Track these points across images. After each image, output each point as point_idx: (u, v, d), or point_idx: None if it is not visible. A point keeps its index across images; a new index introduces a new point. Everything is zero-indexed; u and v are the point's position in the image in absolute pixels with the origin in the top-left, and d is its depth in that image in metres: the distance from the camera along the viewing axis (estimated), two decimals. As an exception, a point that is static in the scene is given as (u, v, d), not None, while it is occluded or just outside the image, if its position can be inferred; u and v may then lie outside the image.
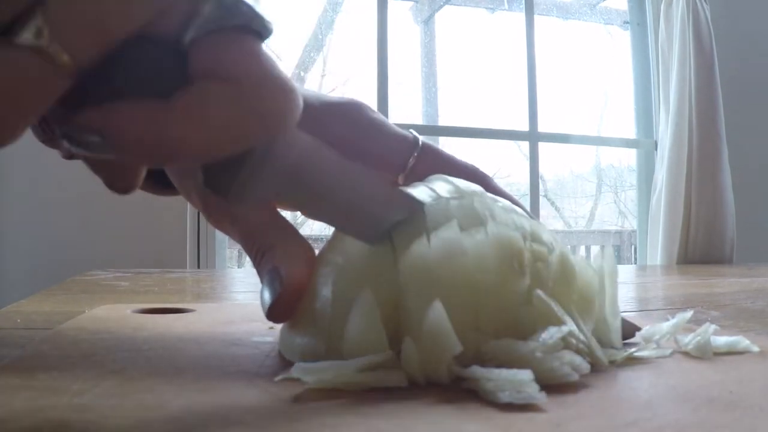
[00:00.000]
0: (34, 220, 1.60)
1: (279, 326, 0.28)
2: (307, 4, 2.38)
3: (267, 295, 0.27)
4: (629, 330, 0.30)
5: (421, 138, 0.34)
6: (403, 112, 2.32)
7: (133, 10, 0.19)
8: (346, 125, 0.32)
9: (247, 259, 0.30)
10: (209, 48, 0.20)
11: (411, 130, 0.34)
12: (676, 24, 1.86)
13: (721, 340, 0.28)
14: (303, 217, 0.27)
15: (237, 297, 0.63)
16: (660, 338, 0.29)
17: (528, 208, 0.30)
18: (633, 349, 0.27)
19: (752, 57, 2.06)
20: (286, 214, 0.30)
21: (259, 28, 0.21)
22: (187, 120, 0.19)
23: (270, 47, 0.23)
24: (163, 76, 0.20)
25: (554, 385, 0.21)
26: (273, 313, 0.26)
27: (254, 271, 0.28)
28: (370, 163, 0.32)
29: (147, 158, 0.21)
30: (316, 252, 0.28)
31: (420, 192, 0.27)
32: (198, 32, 0.20)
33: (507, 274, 0.24)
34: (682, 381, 0.23)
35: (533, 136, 2.02)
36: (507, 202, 0.28)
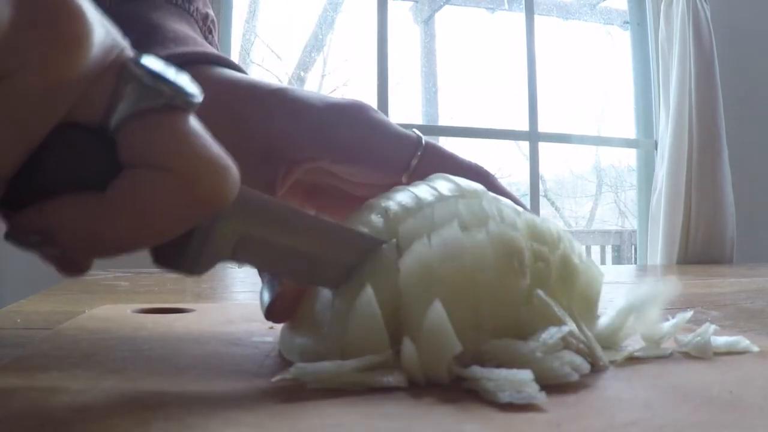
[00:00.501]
0: (34, 220, 1.60)
1: (279, 326, 0.28)
2: (307, 4, 2.38)
3: (266, 295, 0.27)
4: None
5: (425, 138, 0.34)
6: (403, 112, 2.32)
7: (55, 101, 0.18)
8: (349, 126, 0.31)
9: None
10: (135, 133, 0.19)
11: (414, 130, 0.34)
12: (676, 24, 1.86)
13: (721, 340, 0.28)
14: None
15: (237, 297, 0.63)
16: (660, 338, 0.29)
17: (528, 208, 0.29)
18: (633, 349, 0.27)
19: (752, 57, 2.06)
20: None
21: (182, 104, 0.20)
22: (123, 212, 0.19)
23: (271, 47, 0.23)
24: (94, 166, 0.19)
25: (554, 385, 0.21)
26: (271, 312, 0.26)
27: (254, 271, 0.28)
28: (374, 164, 0.31)
29: (89, 252, 0.20)
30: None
31: (421, 191, 0.27)
32: (122, 116, 0.19)
33: (507, 274, 0.24)
34: (682, 381, 0.23)
35: (533, 136, 2.02)
36: (509, 201, 0.28)
